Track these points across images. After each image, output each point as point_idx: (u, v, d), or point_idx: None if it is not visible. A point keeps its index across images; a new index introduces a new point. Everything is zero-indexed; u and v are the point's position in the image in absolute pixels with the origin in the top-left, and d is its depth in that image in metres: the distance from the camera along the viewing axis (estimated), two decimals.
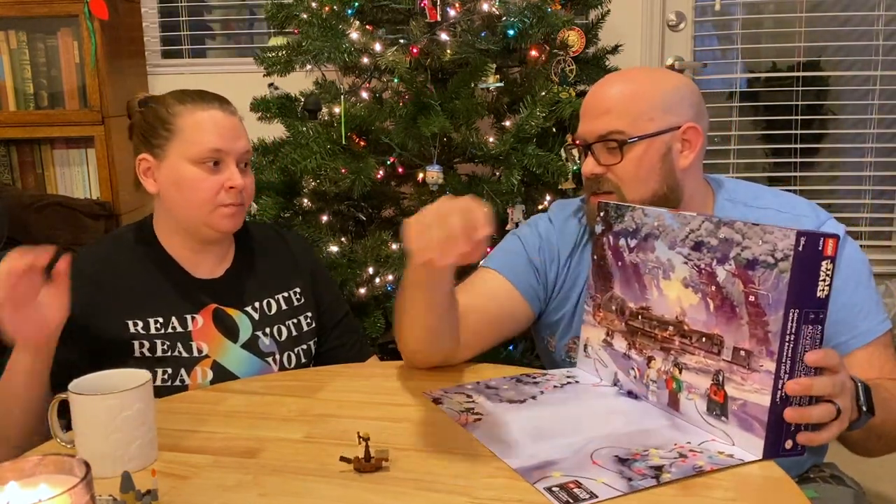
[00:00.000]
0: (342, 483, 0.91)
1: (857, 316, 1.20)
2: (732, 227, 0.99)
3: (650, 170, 1.23)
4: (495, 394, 1.16)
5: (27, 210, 2.57)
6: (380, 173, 2.05)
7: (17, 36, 2.71)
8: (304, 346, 1.40)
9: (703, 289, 1.02)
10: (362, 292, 2.07)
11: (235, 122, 1.33)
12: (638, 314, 1.13)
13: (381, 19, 2.17)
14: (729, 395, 0.98)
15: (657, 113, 1.23)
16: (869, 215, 2.88)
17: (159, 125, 1.30)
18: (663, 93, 1.24)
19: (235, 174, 1.29)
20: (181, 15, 3.04)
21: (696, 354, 1.03)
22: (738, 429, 0.96)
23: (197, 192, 1.28)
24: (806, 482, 1.23)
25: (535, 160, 1.97)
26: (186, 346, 1.29)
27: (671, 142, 1.24)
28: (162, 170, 1.31)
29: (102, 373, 1.01)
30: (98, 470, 0.84)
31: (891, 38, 2.72)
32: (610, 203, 1.19)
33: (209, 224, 1.31)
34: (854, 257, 1.22)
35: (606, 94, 1.26)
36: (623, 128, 1.23)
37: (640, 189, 1.24)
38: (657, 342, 1.10)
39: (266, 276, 1.41)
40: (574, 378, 1.23)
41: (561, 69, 2.07)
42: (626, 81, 1.26)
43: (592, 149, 1.26)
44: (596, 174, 1.27)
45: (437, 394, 1.16)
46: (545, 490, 0.87)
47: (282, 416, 1.10)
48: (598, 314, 1.20)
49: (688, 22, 2.79)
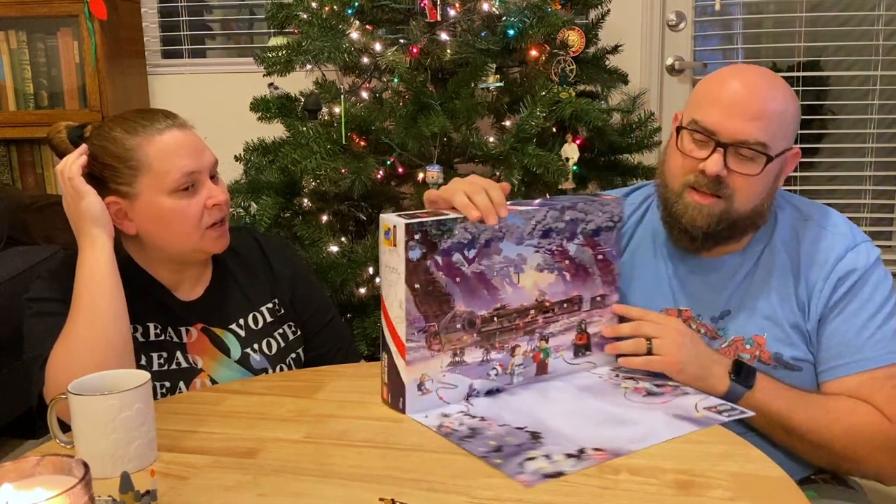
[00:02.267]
0: (342, 483, 0.91)
1: (867, 342, 1.17)
2: (576, 209, 1.17)
3: (766, 187, 1.20)
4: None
5: (27, 210, 2.57)
6: (380, 173, 2.05)
7: (17, 36, 2.71)
8: (293, 356, 1.38)
9: (558, 266, 1.17)
10: (362, 292, 2.07)
11: (194, 135, 1.27)
12: (492, 317, 1.12)
13: (381, 19, 2.17)
14: (590, 333, 1.22)
15: (789, 132, 1.19)
16: (869, 215, 2.88)
17: (119, 164, 1.22)
18: (795, 112, 1.20)
19: (214, 190, 1.25)
20: (181, 15, 3.04)
21: (561, 319, 1.19)
22: (601, 354, 1.23)
23: (183, 223, 1.23)
24: (806, 483, 1.22)
25: (535, 160, 1.96)
26: (184, 357, 1.28)
27: (783, 163, 1.21)
28: (137, 209, 1.23)
29: (102, 373, 1.01)
30: (97, 470, 0.84)
31: (891, 38, 2.72)
32: (426, 221, 1.04)
33: (200, 249, 1.27)
34: (882, 283, 1.20)
35: (761, 98, 1.16)
36: (768, 141, 1.15)
37: (751, 202, 1.19)
38: (520, 330, 1.15)
39: (248, 289, 1.37)
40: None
41: (561, 69, 2.07)
42: (773, 88, 1.18)
43: (728, 150, 1.16)
44: (721, 178, 1.17)
45: None
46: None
47: (281, 417, 1.10)
48: (436, 344, 1.08)
49: (688, 22, 2.79)
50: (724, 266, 1.25)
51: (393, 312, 1.07)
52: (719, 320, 1.24)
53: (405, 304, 1.04)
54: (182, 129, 1.25)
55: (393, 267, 1.05)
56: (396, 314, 1.06)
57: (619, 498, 0.86)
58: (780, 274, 1.22)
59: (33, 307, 1.23)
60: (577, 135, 2.13)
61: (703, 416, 1.06)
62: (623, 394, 1.14)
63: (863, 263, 1.20)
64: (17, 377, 2.26)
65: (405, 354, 1.06)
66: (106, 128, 1.25)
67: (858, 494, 1.24)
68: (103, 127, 1.26)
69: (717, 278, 1.25)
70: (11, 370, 2.25)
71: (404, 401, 1.08)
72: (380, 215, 1.06)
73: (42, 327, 1.20)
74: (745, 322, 1.22)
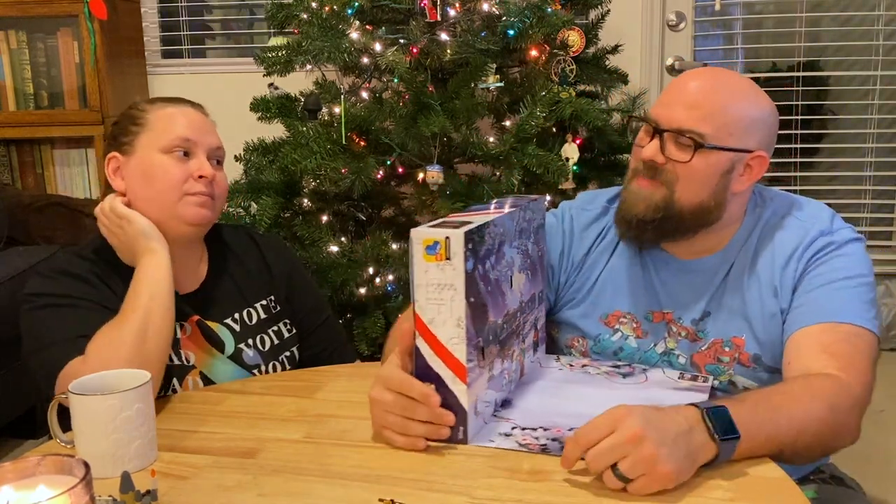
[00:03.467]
0: (342, 483, 0.91)
1: (834, 298, 1.15)
2: (529, 208, 1.17)
3: (707, 180, 1.19)
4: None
5: (27, 210, 2.57)
6: (380, 173, 2.05)
7: (17, 36, 2.71)
8: (287, 354, 1.38)
9: (525, 265, 1.17)
10: (362, 292, 2.07)
11: (207, 119, 1.32)
12: (504, 324, 1.09)
13: (381, 19, 2.17)
14: (538, 329, 1.26)
15: (739, 130, 1.18)
16: (869, 215, 2.88)
17: (128, 122, 1.29)
18: (753, 113, 1.19)
19: (205, 164, 1.26)
20: (181, 15, 3.04)
21: (528, 319, 1.20)
22: (542, 344, 1.28)
23: (164, 180, 1.24)
24: (806, 483, 1.22)
25: (535, 160, 1.97)
26: (176, 353, 1.27)
27: (735, 163, 1.20)
28: (130, 165, 1.27)
29: (102, 373, 1.01)
30: (98, 470, 0.84)
31: (891, 38, 2.72)
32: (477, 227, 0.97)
33: (177, 215, 1.25)
34: (856, 258, 1.19)
35: (701, 89, 1.19)
36: (705, 131, 1.17)
37: (691, 194, 1.19)
38: (516, 335, 1.14)
39: (243, 285, 1.37)
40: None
41: (561, 69, 2.07)
42: (725, 86, 1.20)
43: (664, 136, 1.19)
44: (655, 162, 1.20)
45: None
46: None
47: (281, 417, 1.10)
48: (482, 360, 1.01)
49: (688, 22, 2.79)
50: (703, 268, 1.25)
51: (446, 334, 0.96)
52: (699, 322, 1.24)
53: (464, 322, 0.95)
54: (198, 109, 1.32)
55: (446, 284, 0.95)
56: (452, 335, 0.96)
57: (619, 498, 0.86)
58: (758, 270, 1.22)
59: (38, 301, 1.21)
60: (577, 135, 2.13)
61: (689, 385, 1.16)
62: (605, 379, 1.18)
63: (838, 239, 1.19)
64: (17, 377, 2.26)
65: (465, 377, 0.97)
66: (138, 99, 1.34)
67: (858, 494, 1.24)
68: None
69: (697, 280, 1.25)
70: (11, 370, 2.25)
71: (465, 430, 0.99)
72: (412, 231, 0.96)
73: (52, 318, 1.19)
74: (725, 323, 1.22)
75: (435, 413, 0.97)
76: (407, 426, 0.98)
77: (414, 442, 0.98)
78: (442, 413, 0.97)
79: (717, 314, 1.23)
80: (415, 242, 0.95)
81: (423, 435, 0.98)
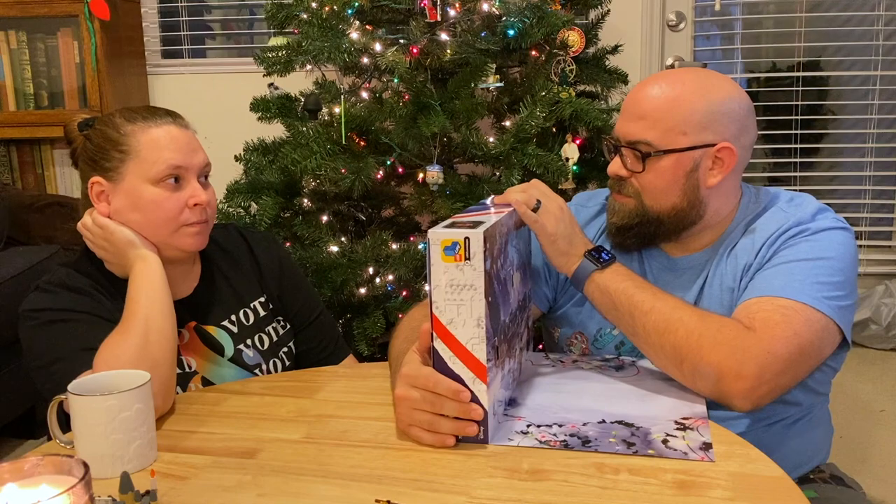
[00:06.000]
0: (341, 483, 0.91)
1: (775, 278, 1.13)
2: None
3: (671, 183, 1.20)
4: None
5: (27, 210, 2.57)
6: (380, 173, 2.05)
7: (17, 36, 2.71)
8: (285, 349, 1.39)
9: (520, 264, 1.18)
10: (362, 292, 2.07)
11: (191, 135, 1.28)
12: (510, 323, 1.09)
13: (381, 19, 2.17)
14: (530, 328, 1.27)
15: (691, 127, 1.18)
16: (869, 215, 2.88)
17: (110, 147, 1.24)
18: (706, 106, 1.18)
19: (198, 190, 1.24)
20: (181, 15, 3.04)
21: (524, 318, 1.22)
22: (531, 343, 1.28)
23: (159, 213, 1.22)
24: (806, 482, 1.23)
25: (535, 160, 1.97)
26: (178, 361, 1.27)
27: (701, 159, 1.19)
28: (118, 193, 1.24)
29: (102, 373, 1.01)
30: (97, 470, 0.84)
31: (891, 38, 2.72)
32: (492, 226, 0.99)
33: (173, 244, 1.25)
34: (824, 241, 1.16)
35: (646, 97, 1.21)
36: (652, 139, 1.18)
37: (660, 200, 1.21)
38: (517, 333, 1.15)
39: (238, 284, 1.37)
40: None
41: (561, 69, 2.07)
42: (670, 85, 1.20)
43: (621, 151, 1.23)
44: (619, 176, 1.24)
45: None
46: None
47: (281, 417, 1.10)
48: (498, 359, 1.02)
49: (688, 22, 2.79)
50: (693, 264, 1.26)
51: (466, 334, 0.96)
52: None
53: (484, 321, 0.95)
54: (180, 127, 1.27)
55: (466, 284, 0.95)
56: (472, 335, 0.96)
57: (619, 498, 0.86)
58: (737, 256, 1.22)
59: (39, 317, 1.20)
60: (577, 135, 2.13)
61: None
62: (599, 374, 1.19)
63: (813, 227, 1.17)
64: (17, 377, 2.26)
65: (486, 377, 0.97)
66: (110, 114, 1.28)
67: (858, 494, 1.24)
68: (109, 114, 1.30)
69: (686, 276, 1.27)
70: (11, 370, 2.25)
71: (486, 430, 0.98)
72: (429, 232, 0.95)
73: (55, 333, 1.18)
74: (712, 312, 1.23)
75: (465, 408, 0.96)
76: (435, 423, 0.98)
77: (443, 439, 0.98)
78: (472, 407, 0.96)
79: (704, 305, 1.23)
80: (433, 243, 0.95)
81: (452, 431, 0.97)
